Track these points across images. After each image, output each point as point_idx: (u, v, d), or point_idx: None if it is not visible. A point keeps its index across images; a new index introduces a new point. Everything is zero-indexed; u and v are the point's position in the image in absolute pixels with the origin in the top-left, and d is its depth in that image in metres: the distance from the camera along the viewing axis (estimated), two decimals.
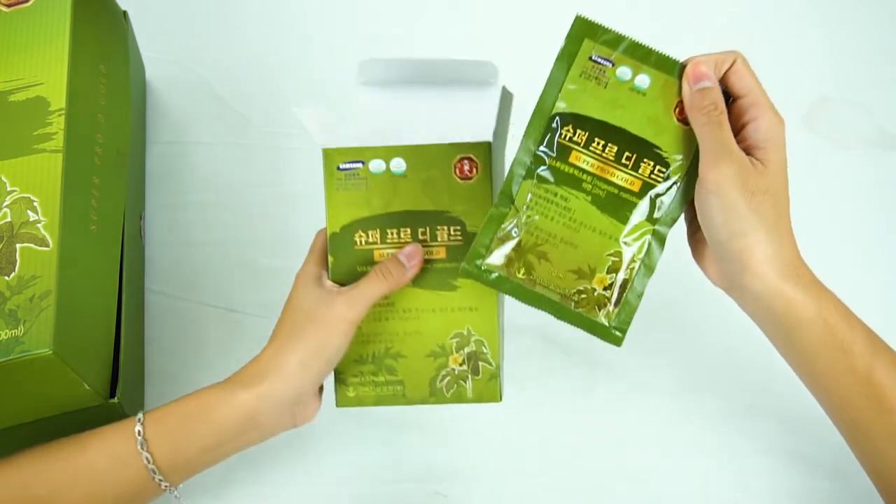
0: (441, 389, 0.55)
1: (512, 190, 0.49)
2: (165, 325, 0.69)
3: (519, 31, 0.87)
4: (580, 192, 0.49)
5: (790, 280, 0.49)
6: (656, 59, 0.49)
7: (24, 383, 0.51)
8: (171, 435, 0.51)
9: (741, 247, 0.48)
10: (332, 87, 0.81)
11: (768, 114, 0.49)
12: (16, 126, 0.56)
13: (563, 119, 0.49)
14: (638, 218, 0.49)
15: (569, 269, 0.49)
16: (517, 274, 0.49)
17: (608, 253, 0.49)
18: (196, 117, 0.80)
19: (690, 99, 0.48)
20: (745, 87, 0.49)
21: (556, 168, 0.49)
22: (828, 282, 0.71)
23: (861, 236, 0.74)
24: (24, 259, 0.52)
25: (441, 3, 0.88)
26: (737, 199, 0.47)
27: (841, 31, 0.87)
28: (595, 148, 0.49)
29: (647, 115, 0.49)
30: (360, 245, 0.56)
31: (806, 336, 0.50)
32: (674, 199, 0.49)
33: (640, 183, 0.49)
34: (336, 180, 0.56)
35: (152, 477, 0.51)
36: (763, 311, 0.50)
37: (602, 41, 0.49)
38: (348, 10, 0.87)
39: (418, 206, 0.55)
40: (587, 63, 0.49)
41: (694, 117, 0.48)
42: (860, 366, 0.50)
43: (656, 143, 0.49)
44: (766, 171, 0.48)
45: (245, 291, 0.70)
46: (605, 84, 0.49)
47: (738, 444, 0.64)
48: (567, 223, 0.49)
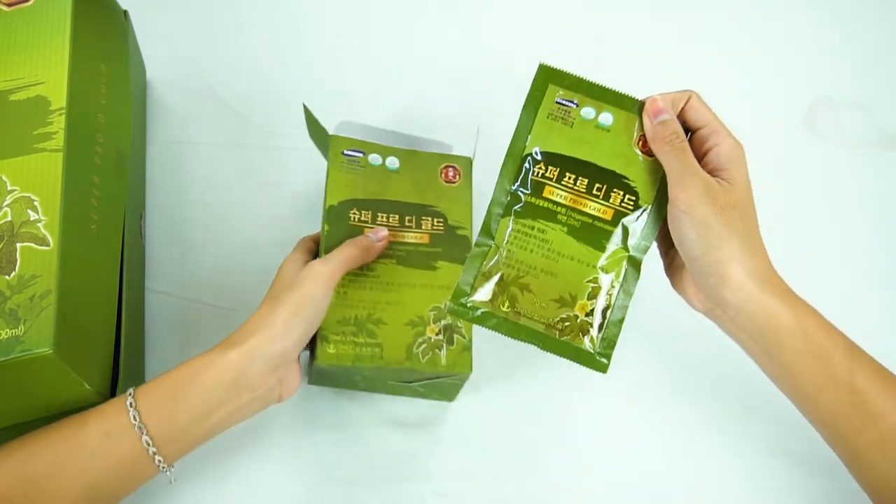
0: (417, 355, 0.58)
1: (491, 228, 0.52)
2: (165, 325, 0.69)
3: (519, 30, 0.87)
4: (556, 224, 0.52)
5: (767, 290, 0.51)
6: (616, 98, 0.52)
7: (24, 383, 0.51)
8: (162, 403, 0.51)
9: (717, 260, 0.50)
10: (332, 87, 0.82)
11: (728, 139, 0.51)
12: (16, 125, 0.56)
13: (535, 158, 0.52)
14: (613, 245, 0.52)
15: (551, 299, 0.51)
16: (501, 307, 0.51)
17: (587, 280, 0.52)
18: (196, 117, 0.80)
19: (653, 132, 0.51)
20: (703, 119, 0.52)
21: (532, 203, 0.52)
22: (828, 282, 0.71)
23: (861, 236, 0.74)
24: (24, 258, 0.52)
25: (441, 3, 0.88)
26: (708, 215, 0.49)
27: (841, 31, 0.87)
28: (567, 182, 0.52)
29: (612, 150, 0.52)
30: (354, 221, 0.62)
31: (787, 346, 0.51)
32: (646, 224, 0.52)
33: (611, 211, 0.52)
34: (339, 162, 0.64)
35: (147, 450, 0.51)
36: (744, 324, 0.52)
37: (565, 85, 0.53)
38: (348, 10, 0.87)
39: (407, 199, 0.63)
40: (553, 106, 0.52)
41: (658, 147, 0.51)
42: (842, 373, 0.51)
43: (624, 174, 0.52)
44: (731, 188, 0.50)
45: (245, 291, 0.70)
46: (572, 124, 0.52)
47: (737, 444, 0.64)
48: (546, 254, 0.52)
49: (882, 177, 0.77)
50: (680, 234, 0.50)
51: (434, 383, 0.61)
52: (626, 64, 0.84)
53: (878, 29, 0.87)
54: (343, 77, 0.83)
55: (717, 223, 0.49)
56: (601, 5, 0.89)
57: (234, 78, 0.82)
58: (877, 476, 0.52)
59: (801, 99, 0.82)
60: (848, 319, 0.70)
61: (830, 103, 0.82)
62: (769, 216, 0.75)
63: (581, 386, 0.66)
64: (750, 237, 0.51)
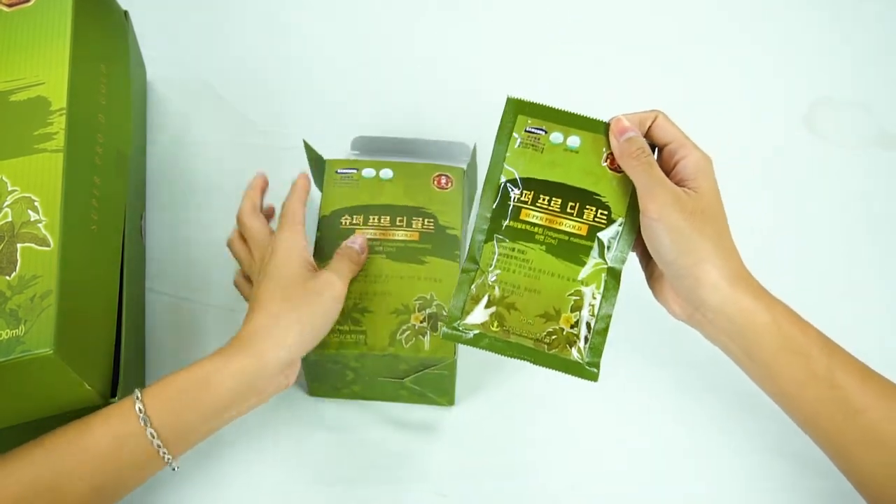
0: (400, 341, 0.59)
1: (476, 254, 0.55)
2: (165, 325, 0.69)
3: (519, 29, 0.87)
4: (535, 244, 0.54)
5: (742, 289, 0.52)
6: (582, 121, 0.56)
7: (24, 383, 0.51)
8: (172, 406, 0.52)
9: (691, 262, 0.51)
10: (332, 87, 0.82)
11: (695, 152, 0.53)
12: (17, 126, 0.56)
13: (510, 185, 0.55)
14: (591, 259, 0.54)
15: (537, 315, 0.54)
16: (492, 327, 0.54)
17: (569, 293, 0.54)
18: (196, 117, 0.80)
19: (620, 149, 0.54)
20: (670, 135, 0.54)
21: (511, 227, 0.55)
22: (828, 282, 0.71)
23: (861, 236, 0.74)
24: (24, 259, 0.52)
25: (440, 3, 0.88)
26: (678, 220, 0.51)
27: (841, 31, 0.87)
28: (541, 203, 0.55)
29: (582, 169, 0.55)
30: (345, 225, 0.64)
31: (765, 344, 0.52)
32: (620, 236, 0.55)
33: (586, 227, 0.54)
34: (333, 180, 0.67)
35: (157, 451, 0.51)
36: (723, 325, 0.53)
37: (533, 114, 0.56)
38: (348, 10, 0.87)
39: (399, 202, 0.65)
40: (524, 134, 0.56)
41: (626, 164, 0.53)
42: (820, 369, 0.52)
43: (595, 191, 0.55)
44: (698, 196, 0.52)
45: None
46: (542, 149, 0.55)
47: (737, 444, 0.64)
48: (528, 273, 0.54)
49: (882, 177, 0.77)
50: (654, 242, 0.52)
51: (423, 376, 0.61)
52: (626, 64, 0.84)
53: (878, 29, 0.87)
54: (343, 77, 0.83)
55: (688, 228, 0.51)
56: (601, 5, 0.89)
57: (234, 78, 0.82)
58: (864, 472, 0.52)
59: (801, 99, 0.82)
60: (848, 319, 0.70)
61: (830, 103, 0.82)
62: (769, 216, 0.75)
63: (581, 386, 0.66)
64: (721, 240, 0.52)
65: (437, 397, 0.64)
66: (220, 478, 0.62)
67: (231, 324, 0.68)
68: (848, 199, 0.76)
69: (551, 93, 0.81)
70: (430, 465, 0.63)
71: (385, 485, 0.62)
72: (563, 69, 0.84)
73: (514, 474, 0.63)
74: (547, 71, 0.84)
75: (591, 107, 0.81)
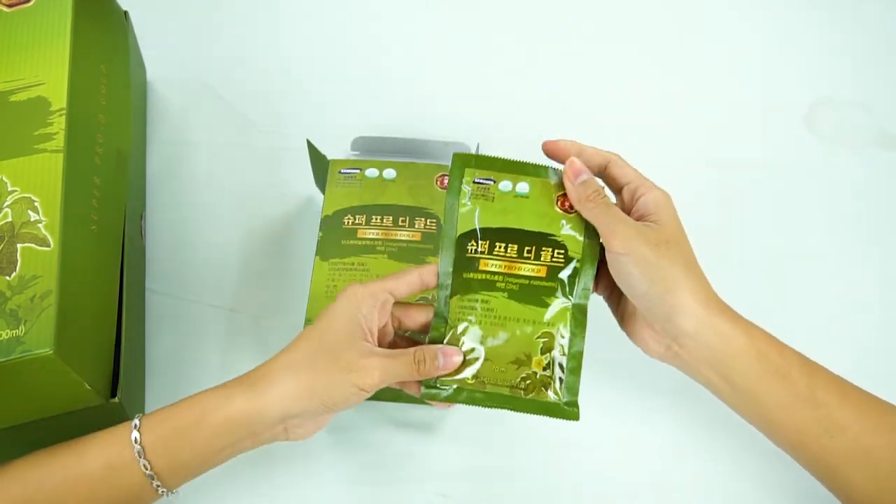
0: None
1: (442, 311, 0.55)
2: (165, 325, 0.69)
3: (519, 29, 0.87)
4: (496, 292, 0.55)
5: (717, 313, 0.52)
6: (528, 168, 0.56)
7: (24, 383, 0.51)
8: (168, 442, 0.51)
9: (664, 289, 0.51)
10: (332, 87, 0.82)
11: (653, 189, 0.54)
12: (17, 126, 0.56)
13: (466, 237, 0.55)
14: (554, 299, 0.54)
15: (509, 362, 0.54)
16: (468, 381, 0.54)
17: (537, 336, 0.54)
18: (196, 117, 0.80)
19: (576, 192, 0.54)
20: (627, 175, 0.55)
21: (471, 279, 0.55)
22: (828, 281, 0.71)
23: (861, 236, 0.74)
24: (24, 259, 0.52)
25: (441, 3, 0.88)
26: (644, 251, 0.51)
27: (841, 30, 0.87)
28: (498, 251, 0.55)
29: (534, 213, 0.55)
30: (348, 225, 0.64)
31: (745, 368, 0.52)
32: (581, 272, 0.55)
33: (545, 269, 0.55)
34: (336, 180, 0.67)
35: (150, 483, 0.51)
36: (702, 354, 0.52)
37: (479, 166, 0.56)
38: (348, 10, 0.87)
39: (402, 202, 0.65)
40: (473, 186, 0.56)
41: (583, 207, 0.53)
42: (801, 389, 0.51)
43: (549, 232, 0.55)
44: (660, 228, 0.52)
45: (245, 291, 0.70)
46: (493, 198, 0.56)
47: (738, 443, 0.64)
48: (493, 321, 0.54)
49: (882, 177, 0.77)
50: (623, 276, 0.52)
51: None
52: (626, 64, 0.84)
53: (878, 29, 0.87)
54: (344, 77, 0.83)
55: (655, 256, 0.51)
56: (601, 6, 0.89)
57: (234, 78, 0.82)
58: (855, 489, 0.52)
59: (801, 99, 0.82)
60: (847, 319, 0.70)
61: (830, 103, 0.82)
62: (769, 216, 0.75)
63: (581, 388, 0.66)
64: (690, 267, 0.52)
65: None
66: (219, 478, 0.62)
67: (231, 324, 0.69)
68: (848, 199, 0.76)
69: (551, 93, 0.82)
70: (430, 465, 0.63)
71: (385, 485, 0.62)
72: (563, 69, 0.84)
73: (514, 474, 0.63)
74: (547, 71, 0.84)
75: (592, 107, 0.81)
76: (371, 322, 0.52)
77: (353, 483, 0.62)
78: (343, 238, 0.63)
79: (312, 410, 0.51)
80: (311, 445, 0.63)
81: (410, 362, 0.52)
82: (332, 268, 0.63)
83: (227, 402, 0.51)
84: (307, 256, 0.67)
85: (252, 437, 0.52)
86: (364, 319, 0.52)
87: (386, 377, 0.51)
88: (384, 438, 0.64)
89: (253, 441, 0.52)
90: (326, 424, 0.54)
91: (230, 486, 0.62)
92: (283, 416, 0.51)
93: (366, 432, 0.64)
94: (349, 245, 0.64)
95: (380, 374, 0.50)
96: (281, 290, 0.70)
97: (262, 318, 0.69)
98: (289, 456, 0.63)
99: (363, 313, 0.52)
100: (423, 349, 0.52)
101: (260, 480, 0.62)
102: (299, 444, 0.63)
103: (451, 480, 0.62)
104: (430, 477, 0.62)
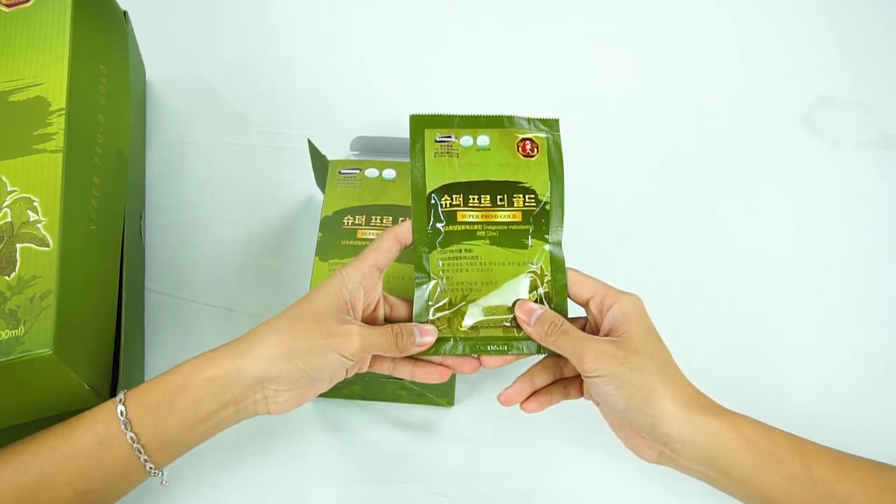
0: None
1: (424, 266, 0.56)
2: (165, 325, 0.69)
3: (518, 28, 0.87)
4: (478, 240, 0.56)
5: (700, 412, 0.52)
6: (486, 121, 0.58)
7: (24, 383, 0.51)
8: (152, 410, 0.51)
9: (641, 401, 0.51)
10: (332, 87, 0.82)
11: (620, 298, 0.54)
12: (16, 126, 0.56)
13: (437, 194, 0.57)
14: (532, 240, 0.56)
15: (499, 304, 0.55)
16: (460, 329, 0.55)
17: (523, 276, 0.56)
18: (196, 117, 0.80)
19: (534, 331, 0.54)
20: (589, 289, 0.55)
21: (450, 231, 0.56)
22: (827, 282, 0.71)
23: (861, 236, 0.74)
24: (24, 259, 0.52)
25: (440, 3, 0.88)
26: (614, 369, 0.51)
27: (841, 30, 0.87)
28: (473, 203, 0.57)
29: (499, 163, 0.57)
30: (347, 225, 0.65)
31: (739, 460, 0.52)
32: (552, 211, 0.57)
33: (520, 213, 0.57)
34: (336, 181, 0.67)
35: (138, 457, 0.51)
36: (693, 454, 0.52)
37: (438, 125, 0.58)
38: (348, 10, 0.87)
39: (402, 202, 0.66)
40: (435, 145, 0.57)
41: (547, 343, 0.54)
42: (796, 469, 0.51)
43: (516, 180, 0.57)
44: (628, 340, 0.52)
45: (245, 291, 0.70)
46: (457, 154, 0.57)
47: None
48: (480, 268, 0.56)
49: (882, 177, 0.77)
50: (602, 397, 0.52)
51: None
52: (625, 64, 0.84)
53: (878, 29, 0.87)
54: (343, 77, 0.83)
55: (627, 371, 0.51)
56: (600, 6, 0.89)
57: (234, 78, 0.82)
58: None
59: (801, 99, 0.82)
60: (848, 319, 0.70)
61: (830, 103, 0.82)
62: (769, 216, 0.75)
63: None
64: (665, 371, 0.52)
65: (436, 398, 0.64)
66: (219, 478, 0.62)
67: (231, 324, 0.69)
68: (848, 199, 0.76)
69: (551, 93, 0.81)
70: (430, 465, 0.63)
71: (385, 485, 0.62)
72: (563, 69, 0.84)
73: (513, 474, 0.63)
74: (547, 71, 0.84)
75: (592, 108, 0.81)
76: (356, 299, 0.53)
77: (353, 483, 0.62)
78: (343, 238, 0.64)
79: (290, 373, 0.51)
80: (310, 445, 0.64)
81: (389, 334, 0.53)
82: (331, 268, 0.63)
83: (209, 363, 0.51)
84: (307, 256, 0.67)
85: (234, 404, 0.52)
86: (349, 295, 0.53)
87: (366, 345, 0.52)
88: (384, 438, 0.64)
89: (235, 409, 0.52)
90: (309, 399, 0.54)
91: (230, 485, 0.62)
92: (262, 377, 0.51)
93: (365, 432, 0.64)
94: (349, 245, 0.64)
95: (359, 341, 0.51)
96: (280, 290, 0.70)
97: (261, 318, 0.68)
98: (288, 455, 0.63)
99: (348, 289, 0.53)
100: (400, 325, 0.54)
101: (260, 480, 0.62)
102: (298, 443, 0.63)
103: (451, 480, 0.62)
104: (430, 477, 0.62)
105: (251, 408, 0.53)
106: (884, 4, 0.88)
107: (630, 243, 0.73)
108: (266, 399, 0.52)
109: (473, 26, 0.87)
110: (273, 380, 0.51)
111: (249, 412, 0.53)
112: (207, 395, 0.51)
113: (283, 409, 0.53)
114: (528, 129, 0.58)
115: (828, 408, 0.64)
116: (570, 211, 0.57)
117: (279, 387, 0.52)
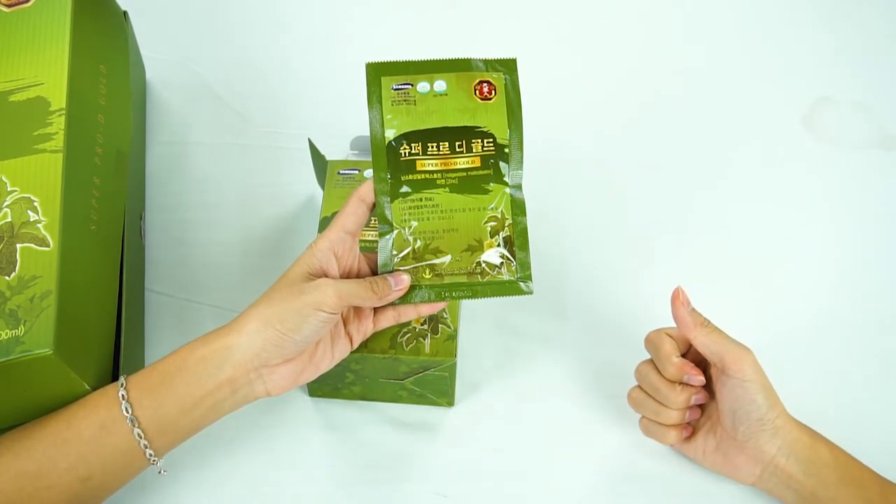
0: (401, 344, 0.60)
1: (386, 215, 0.56)
2: (165, 325, 0.69)
3: (518, 28, 0.87)
4: (438, 188, 0.57)
5: (802, 430, 0.57)
6: (441, 65, 0.58)
7: (24, 383, 0.51)
8: (152, 393, 0.52)
9: (776, 413, 0.56)
10: (332, 88, 0.82)
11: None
12: (16, 126, 0.56)
13: (396, 143, 0.57)
14: (493, 184, 0.57)
15: (462, 250, 0.56)
16: (425, 276, 0.56)
17: (484, 222, 0.57)
18: (196, 117, 0.80)
19: (690, 319, 0.56)
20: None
21: (410, 180, 0.57)
22: (828, 282, 0.71)
23: (861, 236, 0.74)
24: (24, 259, 0.52)
25: (440, 3, 0.88)
26: (763, 375, 0.55)
27: (841, 30, 0.87)
28: (431, 151, 0.57)
29: (456, 108, 0.57)
30: None
31: (828, 478, 0.55)
32: (511, 155, 0.57)
33: (478, 158, 0.57)
34: (335, 181, 0.67)
35: (138, 442, 0.51)
36: (792, 470, 0.56)
37: (394, 73, 0.58)
38: (347, 10, 0.87)
39: None
40: (392, 93, 0.57)
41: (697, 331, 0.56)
42: (874, 496, 0.54)
43: (474, 125, 0.57)
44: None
45: (245, 291, 0.70)
46: (414, 101, 0.57)
47: None
48: (441, 215, 0.56)
49: (882, 177, 0.77)
50: (748, 402, 0.55)
51: (423, 377, 0.61)
52: (625, 65, 0.84)
53: (878, 29, 0.87)
54: (343, 77, 0.83)
55: (768, 382, 0.55)
56: (600, 6, 0.89)
57: (234, 78, 0.82)
58: None
59: (801, 99, 0.82)
60: (848, 319, 0.70)
61: (830, 103, 0.82)
62: (769, 216, 0.75)
63: (581, 386, 0.66)
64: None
65: (436, 398, 0.64)
66: (219, 478, 0.62)
67: None
68: (848, 200, 0.76)
69: (551, 93, 0.81)
70: (430, 465, 0.63)
71: (385, 485, 0.62)
72: (563, 69, 0.84)
73: (513, 474, 0.63)
74: (547, 71, 0.84)
75: (592, 109, 0.81)
76: (328, 265, 0.54)
77: (352, 483, 0.62)
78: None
79: (273, 339, 0.52)
80: (310, 445, 0.64)
81: (364, 283, 0.54)
82: None
83: (202, 343, 0.53)
84: None
85: (230, 384, 0.52)
86: (319, 263, 0.54)
87: (342, 296, 0.52)
88: (384, 438, 0.64)
89: (231, 389, 0.53)
90: (308, 378, 0.55)
91: (230, 485, 0.62)
92: (249, 351, 0.52)
93: (365, 432, 0.64)
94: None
95: (334, 292, 0.52)
96: None
97: None
98: (289, 454, 0.63)
99: (317, 257, 0.54)
100: (373, 277, 0.55)
101: (259, 479, 0.62)
102: (298, 443, 0.63)
103: (451, 480, 0.62)
104: (430, 477, 0.62)
105: (247, 388, 0.53)
106: (884, 4, 0.88)
107: (630, 242, 0.73)
108: (262, 377, 0.53)
109: (473, 26, 0.87)
110: (260, 352, 0.52)
111: (247, 393, 0.54)
112: (203, 374, 0.52)
113: (282, 387, 0.54)
114: (484, 70, 0.58)
115: (828, 408, 0.64)
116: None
117: (269, 359, 0.53)
